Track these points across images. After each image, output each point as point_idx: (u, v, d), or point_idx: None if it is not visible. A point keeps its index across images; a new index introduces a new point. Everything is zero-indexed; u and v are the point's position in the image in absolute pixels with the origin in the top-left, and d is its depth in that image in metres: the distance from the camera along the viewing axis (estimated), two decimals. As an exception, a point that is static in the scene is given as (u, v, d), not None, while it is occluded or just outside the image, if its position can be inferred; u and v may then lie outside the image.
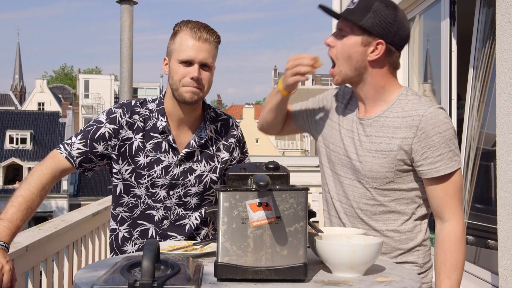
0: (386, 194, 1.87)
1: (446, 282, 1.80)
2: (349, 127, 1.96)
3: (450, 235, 1.82)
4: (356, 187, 1.91)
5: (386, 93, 1.90)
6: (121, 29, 6.06)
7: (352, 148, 1.92)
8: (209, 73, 2.07)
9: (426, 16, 4.34)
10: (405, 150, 1.82)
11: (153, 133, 2.11)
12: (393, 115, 1.86)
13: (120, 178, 2.13)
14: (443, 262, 1.81)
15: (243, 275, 1.44)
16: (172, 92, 2.09)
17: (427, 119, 1.80)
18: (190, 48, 2.03)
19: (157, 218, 2.13)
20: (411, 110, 1.84)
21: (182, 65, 2.03)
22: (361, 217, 1.91)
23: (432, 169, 1.81)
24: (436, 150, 1.79)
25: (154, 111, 2.13)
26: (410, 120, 1.82)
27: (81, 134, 2.09)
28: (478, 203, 3.48)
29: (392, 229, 1.89)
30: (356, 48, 1.85)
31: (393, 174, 1.84)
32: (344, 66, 1.88)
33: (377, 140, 1.86)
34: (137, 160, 2.10)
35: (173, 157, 2.11)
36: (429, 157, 1.80)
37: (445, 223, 1.84)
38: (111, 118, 2.10)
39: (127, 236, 2.16)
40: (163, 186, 2.11)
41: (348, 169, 1.93)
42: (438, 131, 1.79)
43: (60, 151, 2.07)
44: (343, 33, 1.87)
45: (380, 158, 1.84)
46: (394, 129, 1.84)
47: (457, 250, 1.82)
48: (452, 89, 3.59)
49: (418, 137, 1.80)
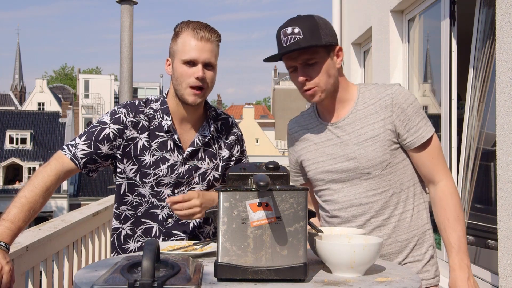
0: (389, 179, 1.94)
1: (453, 234, 1.89)
2: (325, 137, 2.01)
3: (445, 192, 1.93)
4: (358, 184, 1.94)
5: (349, 91, 2.00)
6: (121, 29, 6.06)
7: (339, 151, 1.97)
8: (212, 72, 2.10)
9: (426, 16, 4.34)
10: (390, 129, 1.92)
11: (159, 132, 2.12)
12: (363, 107, 1.96)
13: (125, 177, 2.14)
14: (446, 218, 1.91)
15: (243, 275, 1.44)
16: (175, 92, 2.11)
17: (396, 94, 1.92)
18: (193, 48, 2.04)
19: (162, 217, 2.14)
20: (378, 94, 1.95)
21: (186, 66, 2.05)
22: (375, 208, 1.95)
23: (418, 136, 1.92)
24: (415, 119, 1.92)
25: (158, 110, 2.14)
26: (382, 101, 1.93)
27: (85, 135, 2.09)
28: (478, 203, 3.48)
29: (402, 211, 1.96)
30: (330, 65, 1.92)
31: (389, 155, 1.92)
32: (327, 84, 1.92)
33: (362, 131, 1.94)
34: (142, 160, 2.11)
35: (178, 155, 2.13)
36: (411, 127, 1.92)
37: (437, 184, 1.95)
38: (115, 118, 2.10)
39: (130, 233, 2.17)
40: (168, 184, 2.12)
41: (342, 173, 1.96)
42: (409, 103, 1.92)
43: (64, 153, 2.07)
44: (312, 62, 1.89)
45: (372, 145, 1.92)
46: (371, 116, 1.94)
47: (455, 204, 1.92)
48: (452, 89, 3.59)
49: (396, 113, 1.91)
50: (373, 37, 5.16)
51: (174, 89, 2.10)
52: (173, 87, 2.12)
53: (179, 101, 2.11)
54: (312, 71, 1.89)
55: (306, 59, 1.88)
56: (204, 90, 2.08)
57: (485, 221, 3.32)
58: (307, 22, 1.88)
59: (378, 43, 5.00)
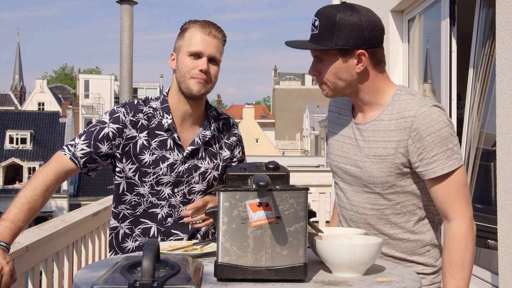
0: (390, 199, 1.85)
1: (452, 282, 1.75)
2: (347, 133, 1.95)
3: (455, 234, 1.78)
4: (359, 192, 1.90)
5: (381, 96, 1.87)
6: (121, 29, 6.06)
7: (352, 154, 1.91)
8: (216, 67, 2.11)
9: (426, 16, 4.34)
10: (402, 153, 1.79)
11: (158, 131, 2.12)
12: (388, 118, 1.83)
13: (124, 177, 2.14)
14: (448, 262, 1.77)
15: (243, 275, 1.44)
16: (178, 85, 2.11)
17: (419, 119, 1.76)
18: (199, 41, 2.06)
19: (161, 216, 2.14)
20: (404, 111, 1.80)
21: (191, 58, 2.06)
22: (369, 221, 1.90)
23: (429, 170, 1.76)
24: (431, 150, 1.75)
25: (158, 109, 2.14)
26: (404, 121, 1.79)
27: (84, 135, 2.09)
28: (478, 203, 3.48)
29: (400, 231, 1.87)
30: (340, 68, 1.82)
31: (394, 178, 1.81)
32: (336, 85, 1.86)
33: (374, 145, 1.84)
34: (141, 159, 2.11)
35: (178, 154, 2.12)
36: (424, 158, 1.76)
37: (450, 222, 1.80)
38: (114, 117, 2.10)
39: (128, 232, 2.16)
40: (168, 183, 2.12)
41: (349, 176, 1.92)
42: (432, 131, 1.75)
43: (64, 153, 2.07)
44: (321, 59, 1.84)
45: (379, 163, 1.82)
46: (389, 132, 1.82)
47: (462, 249, 1.76)
48: (452, 89, 3.59)
49: (412, 139, 1.76)
50: (373, 37, 5.15)
51: (178, 82, 2.10)
52: (176, 81, 2.12)
53: (182, 95, 2.11)
54: (322, 68, 1.85)
55: (316, 55, 1.86)
56: (208, 83, 2.08)
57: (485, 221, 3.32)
58: (329, 18, 1.79)
59: (378, 43, 4.98)
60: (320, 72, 1.86)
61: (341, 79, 1.83)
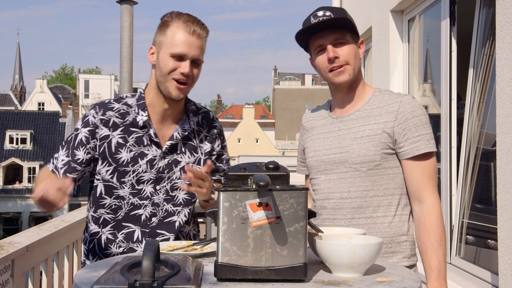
0: (374, 180, 1.95)
1: (434, 258, 1.87)
2: (328, 129, 2.08)
3: (431, 214, 1.91)
4: (343, 178, 1.98)
5: (364, 92, 2.06)
6: (121, 29, 6.06)
7: (336, 143, 2.02)
8: (198, 69, 2.07)
9: (426, 16, 4.34)
10: (388, 133, 1.94)
11: (133, 128, 2.10)
12: (371, 108, 2.01)
13: (100, 179, 2.12)
14: (428, 240, 1.89)
15: (243, 275, 1.44)
16: (157, 83, 2.07)
17: (405, 104, 1.95)
18: (183, 43, 2.01)
19: (145, 217, 2.11)
20: (388, 99, 1.99)
21: (173, 59, 2.02)
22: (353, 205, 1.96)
23: (414, 147, 1.93)
24: (416, 131, 1.93)
25: (133, 106, 2.12)
26: (390, 107, 1.97)
27: (65, 145, 2.13)
28: (478, 203, 3.48)
29: (381, 215, 1.96)
30: (356, 53, 2.01)
31: (380, 157, 1.94)
32: (356, 66, 2.01)
33: (361, 129, 1.98)
34: (118, 158, 2.09)
35: (156, 150, 2.10)
36: (410, 138, 1.93)
37: (423, 203, 1.93)
38: (85, 121, 2.12)
39: (111, 238, 2.12)
40: (149, 181, 2.10)
41: (332, 164, 2.01)
42: (415, 115, 1.94)
43: (49, 165, 2.13)
44: (342, 41, 1.98)
45: (366, 143, 1.95)
46: (375, 117, 1.98)
47: (440, 227, 1.90)
48: (452, 89, 3.59)
49: (399, 120, 1.94)
50: (373, 37, 5.16)
51: (157, 80, 2.06)
52: (155, 78, 2.08)
53: (160, 93, 2.08)
54: (341, 50, 1.97)
55: (336, 38, 1.96)
56: (188, 86, 2.05)
57: (485, 221, 3.32)
58: (339, 10, 2.02)
59: (378, 43, 5.00)
60: (342, 54, 1.97)
61: (358, 60, 2.01)
